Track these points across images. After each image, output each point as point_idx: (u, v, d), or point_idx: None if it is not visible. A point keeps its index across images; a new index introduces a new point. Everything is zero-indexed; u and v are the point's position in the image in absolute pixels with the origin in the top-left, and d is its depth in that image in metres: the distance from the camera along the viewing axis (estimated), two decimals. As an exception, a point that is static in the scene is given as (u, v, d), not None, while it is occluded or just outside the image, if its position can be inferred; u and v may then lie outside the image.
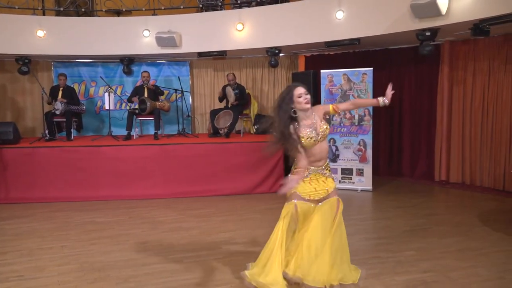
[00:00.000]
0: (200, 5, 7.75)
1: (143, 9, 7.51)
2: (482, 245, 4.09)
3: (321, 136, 3.06)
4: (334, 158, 6.52)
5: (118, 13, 8.14)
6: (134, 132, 7.24)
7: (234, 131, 7.33)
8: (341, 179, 6.49)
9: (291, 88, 3.05)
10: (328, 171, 3.21)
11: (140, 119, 7.54)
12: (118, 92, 8.04)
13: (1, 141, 6.22)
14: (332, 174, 3.29)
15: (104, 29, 7.19)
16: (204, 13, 7.58)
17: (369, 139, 6.35)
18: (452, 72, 6.62)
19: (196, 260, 3.82)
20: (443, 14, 5.23)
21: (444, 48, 6.61)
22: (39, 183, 6.08)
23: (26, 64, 7.37)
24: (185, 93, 7.69)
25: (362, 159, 6.39)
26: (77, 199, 6.05)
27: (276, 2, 7.15)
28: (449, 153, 6.72)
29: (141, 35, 7.17)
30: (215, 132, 7.11)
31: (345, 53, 7.61)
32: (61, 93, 7.09)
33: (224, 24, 7.08)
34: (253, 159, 6.34)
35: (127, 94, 7.81)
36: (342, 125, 6.49)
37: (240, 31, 6.98)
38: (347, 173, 6.49)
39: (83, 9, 7.92)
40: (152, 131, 7.28)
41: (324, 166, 3.17)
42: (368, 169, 6.38)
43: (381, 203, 5.78)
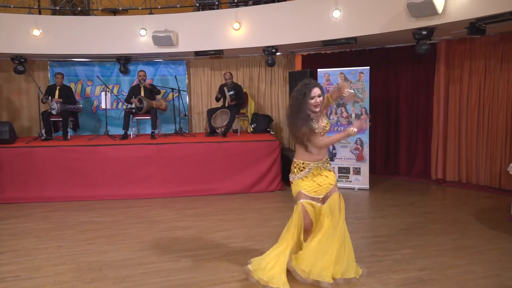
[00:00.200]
0: (197, 4, 7.73)
1: (140, 8, 7.49)
2: (478, 243, 4.11)
3: (322, 131, 3.16)
4: (331, 157, 6.53)
5: (115, 12, 8.12)
6: (131, 132, 7.23)
7: (231, 130, 7.34)
8: (338, 178, 6.50)
9: (308, 87, 3.11)
10: (329, 165, 3.34)
11: (137, 119, 7.52)
12: (115, 91, 8.02)
13: (-3, 141, 6.20)
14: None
15: (101, 28, 7.17)
16: (201, 12, 7.56)
17: (366, 138, 6.37)
18: (449, 71, 6.64)
19: (193, 260, 3.82)
20: (440, 13, 5.24)
21: (441, 47, 6.63)
22: (36, 183, 6.07)
23: (22, 63, 7.34)
24: (182, 92, 7.68)
25: (359, 158, 6.41)
26: (74, 199, 6.04)
27: (273, 1, 7.14)
28: (446, 152, 6.74)
29: (138, 34, 7.15)
30: (212, 131, 7.11)
31: (342, 52, 7.62)
32: (58, 92, 7.07)
33: (221, 23, 7.07)
34: (251, 158, 6.35)
35: (124, 94, 7.79)
36: (339, 124, 6.50)
37: (237, 30, 6.97)
38: (344, 172, 6.51)
39: (79, 8, 7.90)
40: (149, 131, 7.28)
41: (325, 160, 3.29)
42: (365, 168, 6.40)
43: (378, 202, 5.79)
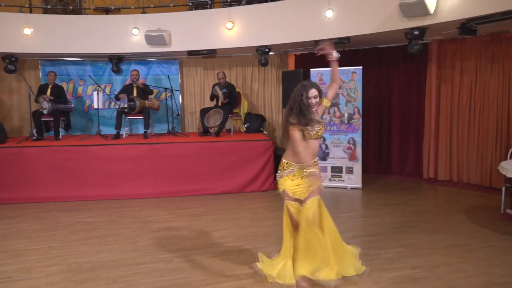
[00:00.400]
0: (190, 3, 7.71)
1: (132, 7, 7.44)
2: (469, 241, 4.15)
3: (315, 134, 3.14)
4: (324, 157, 6.55)
5: (107, 11, 8.06)
6: (123, 131, 7.19)
7: (225, 130, 7.33)
8: (331, 177, 6.54)
9: (306, 88, 3.13)
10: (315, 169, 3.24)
11: (130, 118, 7.48)
12: (107, 91, 7.97)
13: (-12, 141, 6.15)
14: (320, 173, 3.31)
15: (93, 27, 7.12)
16: (194, 12, 7.54)
17: (359, 137, 6.40)
18: (440, 71, 6.69)
19: (187, 260, 3.82)
20: (431, 13, 5.28)
21: (432, 47, 6.68)
22: (27, 183, 6.01)
23: (13, 63, 7.27)
24: (175, 92, 7.65)
25: (352, 157, 6.44)
26: (66, 199, 5.99)
27: (266, 1, 7.14)
28: (437, 151, 6.80)
29: (130, 33, 7.11)
30: (205, 131, 7.10)
31: (335, 52, 7.64)
32: (50, 91, 7.01)
33: (214, 23, 7.06)
34: (244, 158, 6.35)
35: (116, 93, 7.74)
36: (332, 124, 6.53)
37: (230, 30, 6.96)
38: (337, 171, 6.53)
39: (71, 7, 7.83)
40: (142, 130, 7.24)
41: (311, 164, 3.21)
42: (358, 167, 6.43)
43: (371, 201, 5.83)
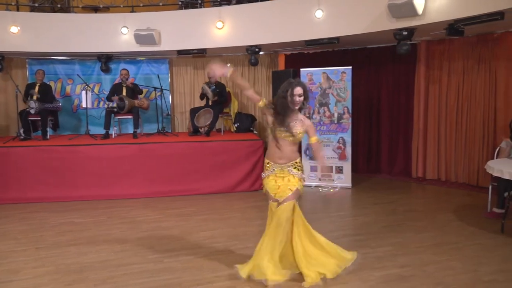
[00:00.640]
0: (180, 3, 7.67)
1: (121, 6, 7.38)
2: (457, 239, 4.20)
3: (291, 136, 3.14)
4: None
5: (96, 10, 7.98)
6: (113, 131, 7.13)
7: (215, 130, 7.31)
8: (321, 177, 6.56)
9: (292, 85, 3.15)
10: (296, 170, 3.26)
11: (119, 118, 7.42)
12: (96, 90, 7.89)
13: (-27, 141, 6.04)
14: (302, 175, 3.31)
15: (81, 26, 7.04)
16: (184, 11, 7.51)
17: (348, 137, 6.44)
18: (428, 71, 6.76)
19: (177, 260, 3.80)
20: (420, 14, 5.33)
21: (421, 48, 6.75)
22: (14, 184, 5.92)
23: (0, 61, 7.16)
24: (165, 91, 7.61)
25: (342, 157, 6.47)
26: (54, 200, 5.92)
27: (256, 1, 7.14)
28: (426, 151, 6.87)
29: (119, 32, 7.05)
30: (195, 131, 7.07)
31: (325, 52, 7.68)
32: (37, 89, 6.91)
33: (204, 22, 7.03)
34: (234, 158, 6.34)
35: (105, 93, 7.67)
36: (322, 123, 6.55)
37: (220, 29, 6.95)
38: (327, 171, 6.55)
39: (59, 5, 7.74)
40: (131, 130, 7.19)
41: (290, 164, 3.24)
42: (347, 167, 6.46)
43: (360, 200, 5.86)
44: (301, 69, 6.65)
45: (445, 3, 5.16)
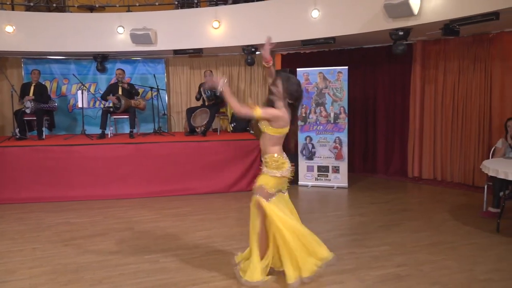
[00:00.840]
0: (176, 2, 7.66)
1: (117, 6, 7.36)
2: (453, 239, 4.22)
3: (261, 126, 3.18)
4: (311, 156, 6.59)
5: (91, 9, 7.95)
6: (109, 131, 7.11)
7: (211, 129, 7.31)
8: (318, 176, 6.57)
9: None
10: (266, 167, 3.26)
11: (115, 118, 7.40)
12: (92, 90, 7.87)
13: (-32, 141, 6.00)
14: (275, 172, 3.22)
15: (77, 25, 7.01)
16: (180, 10, 7.50)
17: (345, 137, 6.45)
18: (424, 71, 6.79)
19: (173, 260, 3.79)
20: (416, 14, 5.36)
21: (417, 48, 6.77)
22: (10, 184, 5.89)
23: (-6, 61, 7.13)
24: (161, 91, 7.60)
25: (338, 157, 6.48)
26: (50, 200, 5.89)
27: (253, 0, 7.14)
28: (421, 150, 6.90)
29: (115, 32, 7.03)
30: (192, 131, 7.06)
31: (321, 52, 7.70)
32: (33, 89, 6.88)
33: (200, 22, 7.03)
34: (230, 158, 6.34)
35: (101, 92, 7.64)
36: (318, 123, 6.57)
37: (217, 29, 6.94)
38: (323, 171, 6.57)
39: (55, 5, 7.70)
40: (127, 130, 7.17)
41: (267, 157, 3.25)
42: (344, 166, 6.48)
43: (357, 200, 5.88)
44: (298, 69, 6.65)
45: (441, 4, 5.19)
